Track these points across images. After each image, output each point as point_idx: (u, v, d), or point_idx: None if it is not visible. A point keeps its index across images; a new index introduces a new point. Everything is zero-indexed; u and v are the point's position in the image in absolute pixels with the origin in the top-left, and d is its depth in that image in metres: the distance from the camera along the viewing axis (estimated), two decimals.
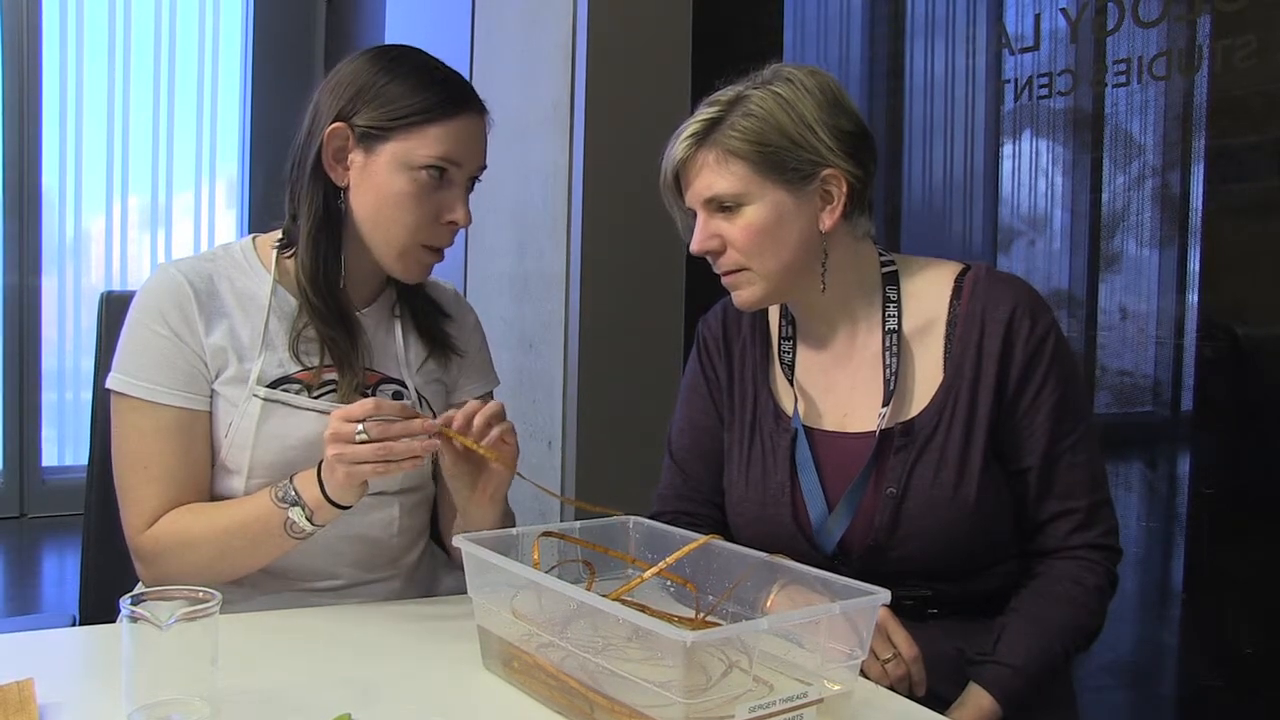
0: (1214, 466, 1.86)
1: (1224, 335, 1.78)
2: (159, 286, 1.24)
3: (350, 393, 1.26)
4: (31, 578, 4.03)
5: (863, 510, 1.20)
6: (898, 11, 2.41)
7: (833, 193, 1.19)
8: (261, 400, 1.23)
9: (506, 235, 2.78)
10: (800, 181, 1.18)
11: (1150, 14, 1.85)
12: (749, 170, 1.17)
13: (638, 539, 1.14)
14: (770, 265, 1.20)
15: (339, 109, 1.23)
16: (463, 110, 1.24)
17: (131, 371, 1.22)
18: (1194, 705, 1.91)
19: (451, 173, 1.24)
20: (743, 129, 1.17)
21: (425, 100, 1.22)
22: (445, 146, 1.22)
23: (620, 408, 2.45)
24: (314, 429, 1.23)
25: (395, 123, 1.21)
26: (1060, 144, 2.04)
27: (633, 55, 2.47)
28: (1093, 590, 1.19)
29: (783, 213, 1.19)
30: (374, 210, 1.24)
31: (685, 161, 1.21)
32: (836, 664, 0.90)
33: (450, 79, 1.27)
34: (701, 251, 1.23)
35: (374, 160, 1.23)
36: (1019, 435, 1.20)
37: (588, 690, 0.88)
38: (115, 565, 1.39)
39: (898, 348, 1.23)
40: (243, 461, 1.23)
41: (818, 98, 1.18)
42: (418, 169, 1.22)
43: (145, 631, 0.85)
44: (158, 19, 4.71)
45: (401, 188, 1.22)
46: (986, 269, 1.25)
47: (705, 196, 1.20)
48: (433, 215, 1.24)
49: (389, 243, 1.25)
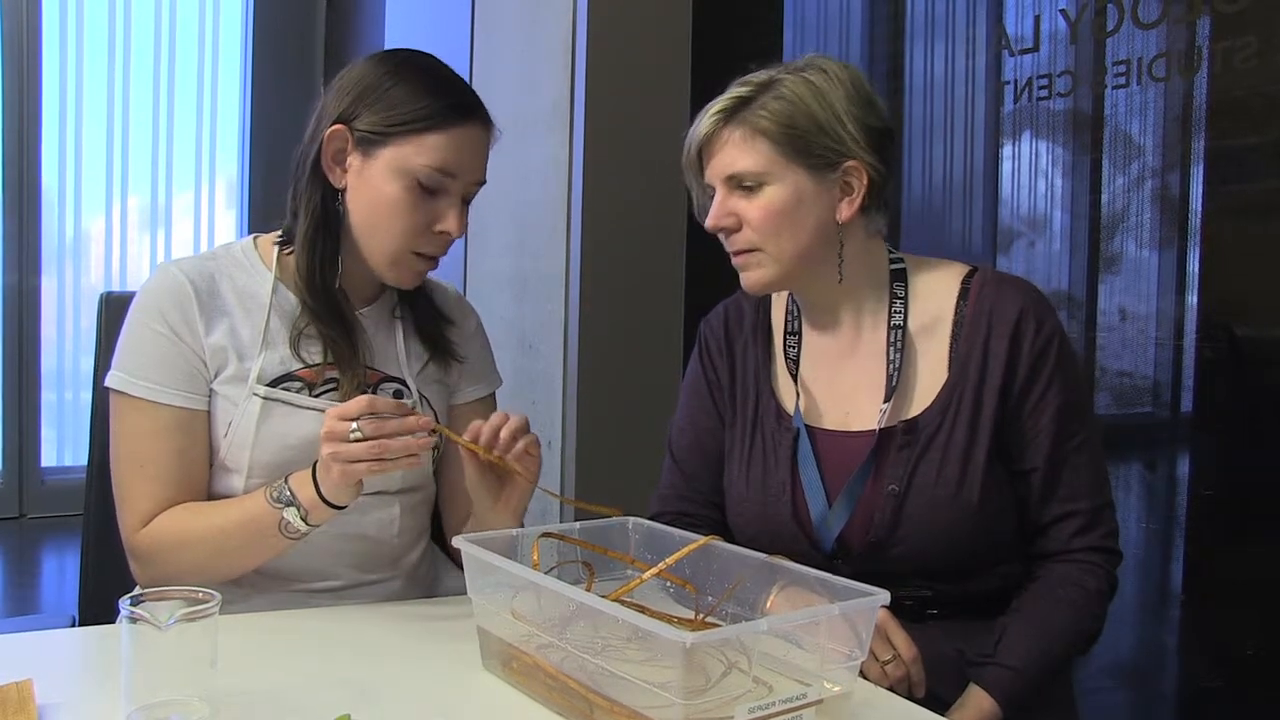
0: (1213, 467, 1.86)
1: (1223, 336, 1.78)
2: (159, 286, 1.24)
3: (351, 390, 1.25)
4: (30, 578, 4.03)
5: (863, 507, 1.20)
6: (898, 12, 2.41)
7: (853, 184, 1.20)
8: (261, 399, 1.23)
9: (506, 235, 2.78)
10: (823, 169, 1.19)
11: (1150, 15, 1.85)
12: (774, 150, 1.18)
13: (637, 540, 1.14)
14: (784, 248, 1.21)
15: (340, 110, 1.23)
16: (464, 121, 1.22)
17: (131, 370, 1.22)
18: (1194, 706, 1.91)
19: (447, 183, 1.22)
20: (772, 110, 1.18)
21: (426, 108, 1.20)
22: (442, 156, 1.21)
23: (620, 408, 2.45)
24: (314, 428, 1.22)
25: (394, 128, 1.20)
26: (1060, 145, 2.04)
27: (633, 55, 2.47)
28: (1094, 593, 1.19)
29: (802, 197, 1.19)
30: (368, 215, 1.24)
31: (710, 137, 1.22)
32: (836, 665, 0.90)
33: (455, 87, 1.25)
34: (716, 228, 1.23)
35: (371, 164, 1.22)
36: (1023, 436, 1.20)
37: (587, 691, 0.88)
38: (115, 566, 1.39)
39: (902, 344, 1.23)
40: (242, 460, 1.23)
41: (849, 90, 1.20)
42: (413, 177, 1.21)
43: (144, 632, 0.85)
44: (157, 19, 4.71)
45: (395, 194, 1.21)
46: (994, 271, 1.26)
47: (727, 173, 1.21)
48: (425, 224, 1.23)
49: (381, 248, 1.25)
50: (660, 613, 1.02)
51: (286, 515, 1.15)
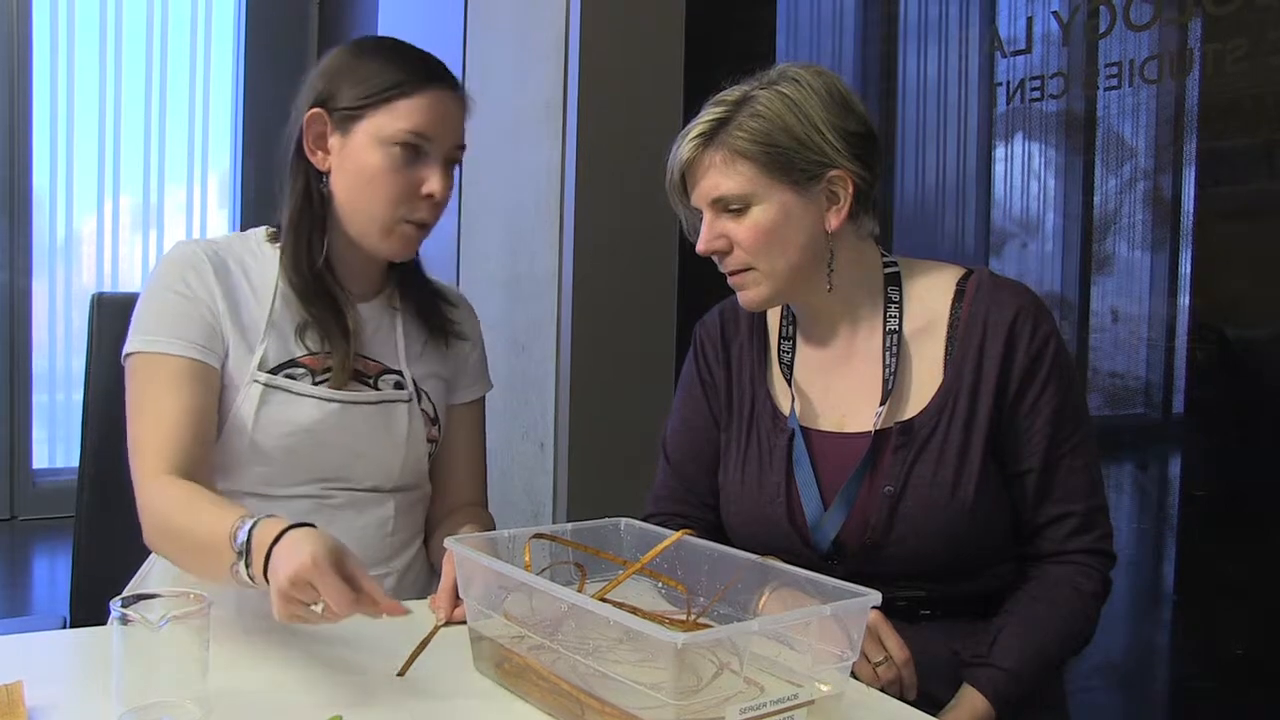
0: (1205, 468, 1.87)
1: (1215, 337, 1.79)
2: (178, 255, 1.28)
3: (341, 374, 1.27)
4: (22, 580, 4.02)
5: (859, 508, 1.21)
6: (890, 13, 2.42)
7: (839, 193, 1.20)
8: (262, 385, 1.25)
9: (498, 236, 2.78)
10: (807, 182, 1.19)
11: (1142, 17, 1.85)
12: (756, 171, 1.18)
13: (629, 541, 1.14)
14: (777, 265, 1.21)
15: (316, 95, 1.27)
16: (431, 84, 1.26)
17: (150, 330, 1.23)
18: (1184, 706, 1.92)
19: (425, 146, 1.25)
20: (750, 130, 1.18)
21: (394, 76, 1.25)
22: (415, 120, 1.24)
23: (612, 409, 2.45)
24: (313, 415, 1.25)
25: (368, 100, 1.24)
26: (1052, 147, 2.05)
27: (626, 55, 2.47)
28: (1088, 596, 1.20)
29: (789, 213, 1.19)
30: (353, 189, 1.27)
31: (692, 162, 1.22)
32: (827, 666, 0.90)
33: (422, 57, 1.30)
34: (708, 252, 1.24)
35: (350, 140, 1.26)
36: (1019, 438, 1.21)
37: (579, 692, 0.88)
38: (106, 567, 1.39)
39: (898, 348, 1.24)
40: (240, 448, 1.24)
41: (824, 99, 1.19)
42: (391, 144, 1.24)
43: (136, 633, 0.84)
44: (149, 17, 4.70)
45: (377, 163, 1.24)
46: (989, 274, 1.26)
47: (712, 197, 1.21)
48: (410, 189, 1.26)
49: (371, 220, 1.27)
50: (652, 613, 1.02)
51: (239, 565, 1.06)
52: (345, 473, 1.30)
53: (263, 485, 1.28)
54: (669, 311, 2.53)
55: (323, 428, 1.26)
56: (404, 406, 1.33)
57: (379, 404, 1.31)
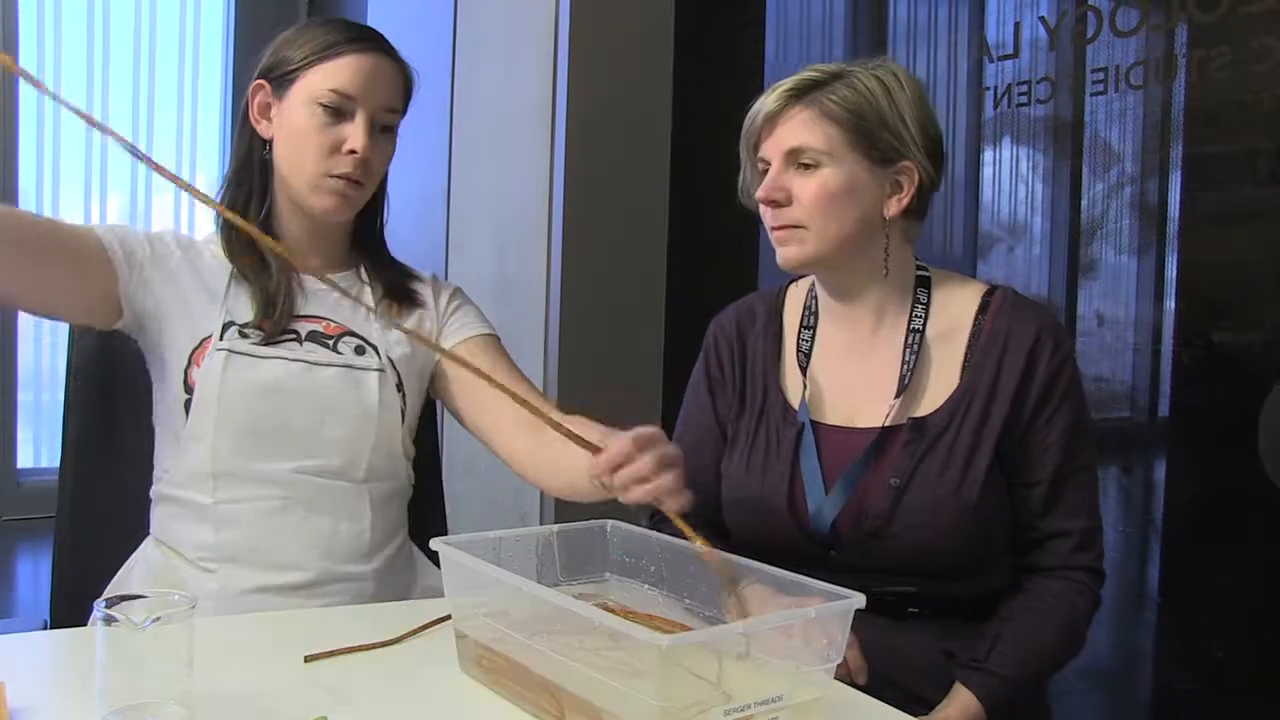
0: (1189, 472, 1.88)
1: (1200, 341, 1.80)
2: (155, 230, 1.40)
3: (275, 330, 1.31)
4: (6, 581, 3.99)
5: (859, 496, 1.22)
6: (880, 17, 2.43)
7: (904, 184, 1.24)
8: (225, 352, 1.29)
9: (487, 238, 2.77)
10: (881, 162, 1.23)
11: (1128, 24, 1.86)
12: (839, 134, 1.22)
13: (616, 544, 1.14)
14: (829, 229, 1.24)
15: (261, 67, 1.36)
16: (361, 48, 1.33)
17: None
18: (1166, 708, 1.93)
19: (349, 104, 1.31)
20: (843, 97, 1.22)
21: (325, 40, 1.33)
22: (339, 79, 1.31)
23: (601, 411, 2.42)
24: (277, 374, 1.30)
25: (300, 63, 1.32)
26: (1039, 151, 2.06)
27: (615, 56, 2.47)
28: (1082, 613, 1.23)
29: (855, 184, 1.23)
30: (287, 148, 1.34)
31: (776, 113, 1.25)
32: (812, 667, 0.90)
33: (356, 25, 1.37)
34: (767, 199, 1.26)
35: (285, 103, 1.33)
36: (1030, 451, 1.23)
37: (562, 693, 0.88)
38: (88, 568, 1.38)
39: (919, 347, 1.26)
40: (209, 419, 1.27)
41: (915, 96, 1.24)
42: (316, 102, 1.31)
43: (119, 635, 0.84)
44: (137, 16, 4.68)
45: (304, 120, 1.31)
46: (1014, 292, 1.29)
47: (789, 146, 1.24)
48: (333, 144, 1.32)
49: (301, 177, 1.33)
50: (641, 614, 1.03)
51: None
52: (315, 441, 1.30)
53: (233, 462, 1.28)
54: (657, 314, 2.53)
55: (288, 386, 1.30)
56: (374, 375, 1.35)
57: (345, 368, 1.34)
